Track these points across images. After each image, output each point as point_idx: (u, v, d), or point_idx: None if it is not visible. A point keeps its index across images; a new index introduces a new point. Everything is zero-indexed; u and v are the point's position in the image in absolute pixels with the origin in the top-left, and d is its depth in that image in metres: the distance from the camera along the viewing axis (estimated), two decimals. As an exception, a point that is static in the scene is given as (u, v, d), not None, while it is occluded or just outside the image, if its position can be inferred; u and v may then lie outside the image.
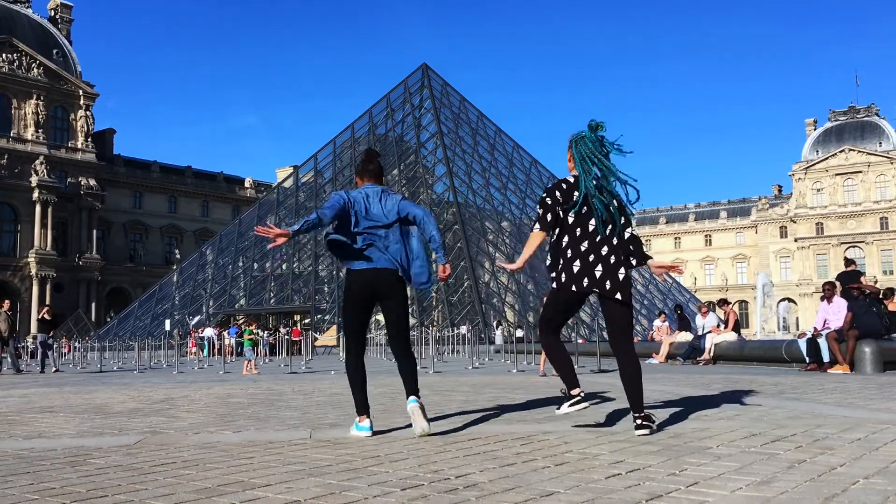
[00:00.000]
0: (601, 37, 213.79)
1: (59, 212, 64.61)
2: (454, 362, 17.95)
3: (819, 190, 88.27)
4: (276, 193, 52.87)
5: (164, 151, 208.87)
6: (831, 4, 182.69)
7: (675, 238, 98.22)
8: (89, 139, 68.97)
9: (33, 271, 62.66)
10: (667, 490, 2.66)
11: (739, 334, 15.90)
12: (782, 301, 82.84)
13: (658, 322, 19.27)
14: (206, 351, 31.09)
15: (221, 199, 79.59)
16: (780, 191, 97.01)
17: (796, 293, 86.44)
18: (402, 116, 47.91)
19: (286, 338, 22.61)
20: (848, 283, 12.24)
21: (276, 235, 4.18)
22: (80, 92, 68.63)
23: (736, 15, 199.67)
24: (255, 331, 18.99)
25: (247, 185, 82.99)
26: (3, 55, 64.22)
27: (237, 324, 41.60)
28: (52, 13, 71.19)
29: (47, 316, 19.19)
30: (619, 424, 4.55)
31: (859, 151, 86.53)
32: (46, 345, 18.28)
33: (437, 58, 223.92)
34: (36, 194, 62.86)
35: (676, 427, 4.40)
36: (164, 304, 48.14)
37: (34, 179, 62.86)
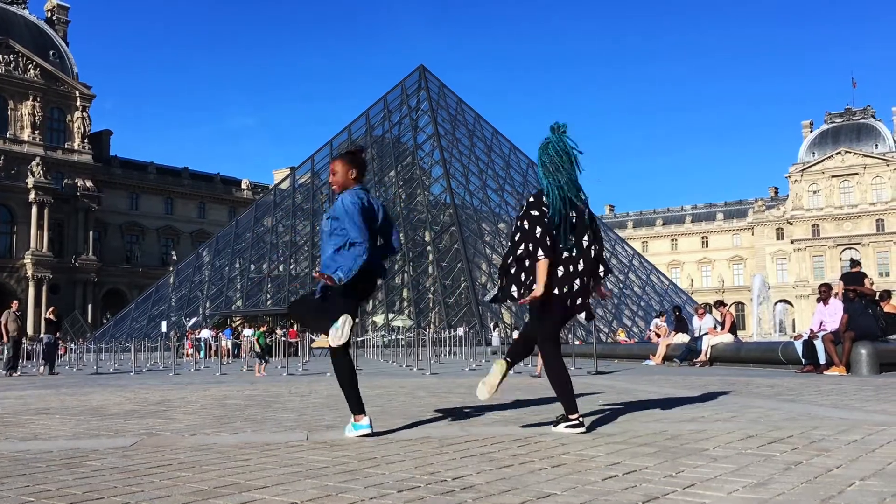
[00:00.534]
0: (598, 38, 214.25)
1: (55, 213, 64.52)
2: (451, 364, 17.95)
3: (815, 192, 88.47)
4: (273, 195, 52.85)
5: (160, 153, 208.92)
6: (827, 6, 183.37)
7: (672, 240, 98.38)
8: (86, 140, 68.90)
9: (29, 273, 62.56)
10: (663, 492, 2.66)
11: (736, 336, 15.93)
12: (778, 303, 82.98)
13: (658, 321, 19.19)
14: (202, 353, 31.09)
15: (218, 201, 79.55)
16: (777, 193, 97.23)
17: (792, 295, 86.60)
18: (399, 118, 47.95)
19: (283, 339, 22.59)
20: (850, 283, 12.24)
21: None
22: (77, 93, 68.56)
23: (732, 16, 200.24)
24: (265, 331, 18.86)
25: (243, 186, 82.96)
26: (0, 56, 64.14)
27: (233, 326, 41.57)
28: (49, 14, 71.13)
29: (53, 317, 19.17)
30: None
31: (855, 153, 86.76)
32: (53, 345, 18.30)
33: (435, 59, 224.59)
34: (32, 195, 62.77)
35: (673, 429, 4.40)
36: (161, 305, 48.09)
37: (30, 181, 62.77)
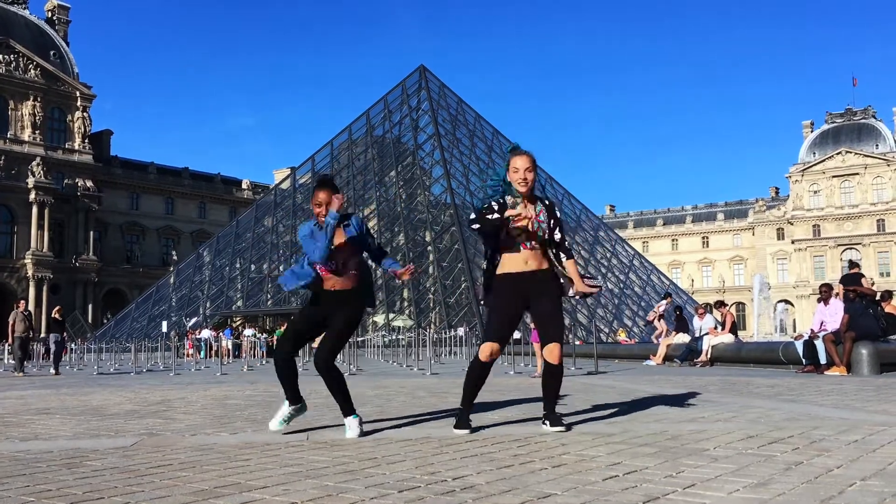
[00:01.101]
0: (598, 38, 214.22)
1: (55, 213, 64.55)
2: (451, 364, 17.95)
3: (816, 192, 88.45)
4: (274, 195, 52.89)
5: (161, 153, 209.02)
6: (828, 7, 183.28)
7: (673, 240, 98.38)
8: (86, 140, 68.91)
9: (30, 273, 62.58)
10: (664, 492, 2.66)
11: (736, 336, 15.92)
12: (779, 303, 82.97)
13: (663, 303, 18.67)
14: (202, 353, 31.11)
15: (218, 201, 79.56)
16: (777, 193, 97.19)
17: (793, 295, 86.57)
18: (399, 118, 47.96)
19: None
20: (849, 285, 12.25)
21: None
22: (78, 93, 68.59)
23: (733, 17, 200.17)
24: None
25: (244, 186, 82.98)
26: (0, 56, 64.17)
27: (233, 326, 41.57)
28: (50, 14, 71.14)
29: (59, 316, 19.17)
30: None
31: (856, 153, 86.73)
32: (60, 345, 18.32)
33: (435, 60, 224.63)
34: (32, 195, 62.80)
35: (673, 429, 4.40)
36: (161, 305, 48.12)
37: (31, 181, 62.79)
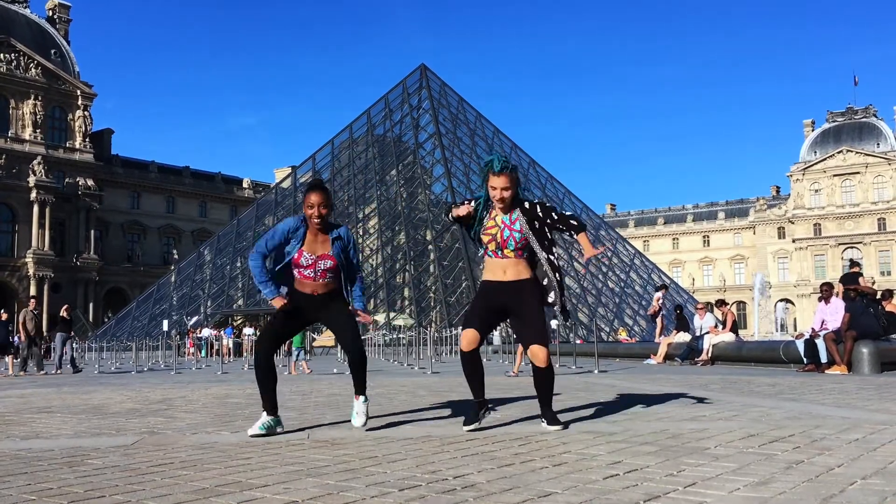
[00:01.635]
0: (599, 38, 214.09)
1: (56, 212, 64.56)
2: (452, 363, 17.95)
3: (817, 191, 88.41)
4: (275, 194, 52.87)
5: (162, 152, 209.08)
6: (829, 6, 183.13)
7: (674, 239, 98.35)
8: (87, 139, 68.92)
9: (31, 271, 62.60)
10: (665, 490, 2.66)
11: (737, 335, 15.91)
12: (780, 302, 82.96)
13: (658, 295, 18.67)
14: (203, 351, 31.13)
15: (219, 200, 79.57)
16: (778, 192, 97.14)
17: (794, 294, 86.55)
18: (400, 117, 47.93)
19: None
20: (847, 284, 12.26)
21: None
22: (78, 92, 68.58)
23: (734, 16, 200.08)
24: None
25: (245, 185, 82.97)
26: (1, 55, 64.17)
27: (234, 324, 41.58)
28: (51, 13, 71.13)
29: (66, 315, 19.12)
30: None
31: (857, 152, 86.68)
32: (65, 344, 18.28)
33: (436, 59, 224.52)
34: (33, 194, 62.81)
35: (674, 428, 4.40)
36: (162, 304, 48.12)
37: (32, 179, 62.80)
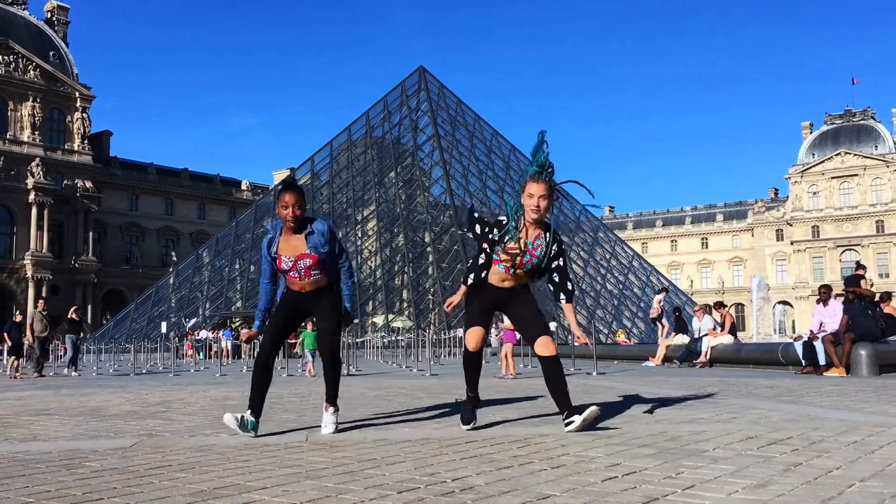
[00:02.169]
0: (597, 40, 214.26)
1: (55, 214, 64.50)
2: (451, 365, 17.95)
3: (815, 193, 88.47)
4: (273, 196, 52.82)
5: (160, 153, 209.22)
6: (828, 7, 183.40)
7: (672, 241, 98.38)
8: (86, 141, 68.88)
9: (29, 273, 62.52)
10: (663, 493, 2.66)
11: (736, 337, 15.92)
12: (778, 304, 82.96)
13: (659, 297, 18.71)
14: (202, 353, 31.09)
15: (218, 202, 79.52)
16: (777, 194, 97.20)
17: (792, 296, 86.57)
18: (399, 119, 47.94)
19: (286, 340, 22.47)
20: (850, 285, 12.26)
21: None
22: (77, 94, 68.55)
23: (732, 18, 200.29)
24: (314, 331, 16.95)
25: (243, 187, 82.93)
26: (0, 57, 64.12)
27: (233, 326, 41.52)
28: (49, 15, 71.11)
29: (75, 316, 19.03)
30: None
31: (855, 155, 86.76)
32: (76, 345, 18.23)
33: (435, 60, 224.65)
34: (32, 196, 62.74)
35: (672, 430, 4.40)
36: (161, 306, 48.06)
37: (30, 181, 62.74)
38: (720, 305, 16.88)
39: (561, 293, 4.54)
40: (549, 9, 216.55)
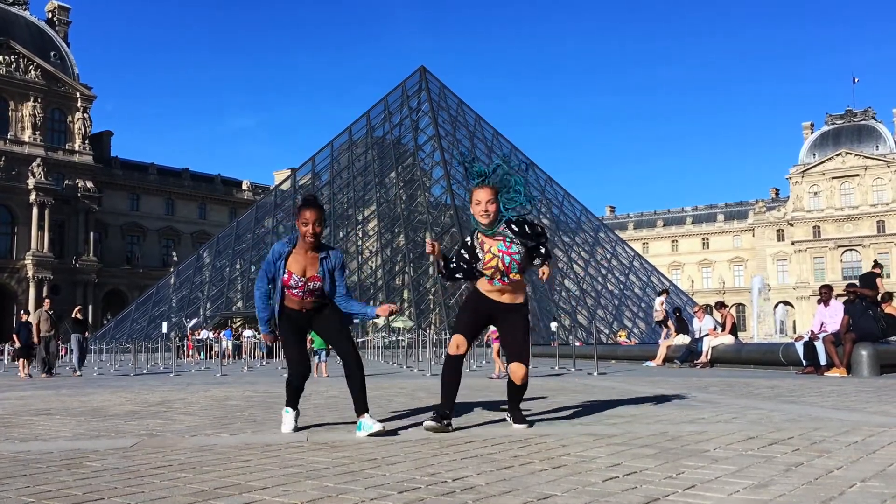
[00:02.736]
0: (599, 40, 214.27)
1: (55, 214, 64.53)
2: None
3: (816, 193, 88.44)
4: (274, 196, 52.87)
5: (161, 154, 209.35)
6: (828, 8, 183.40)
7: (673, 241, 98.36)
8: (86, 141, 68.91)
9: (30, 273, 62.56)
10: (664, 493, 2.66)
11: (736, 337, 15.92)
12: (779, 304, 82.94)
13: (661, 299, 18.69)
14: (202, 353, 31.11)
15: (219, 202, 79.55)
16: (778, 194, 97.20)
17: (793, 296, 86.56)
18: (399, 119, 47.95)
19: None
20: (865, 284, 12.24)
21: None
22: (78, 94, 68.58)
23: (732, 18, 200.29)
24: None
25: (244, 187, 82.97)
26: (1, 57, 64.17)
27: (233, 326, 41.54)
28: (50, 15, 71.15)
29: (79, 316, 19.00)
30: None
31: (856, 155, 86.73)
32: (82, 346, 18.21)
33: (435, 60, 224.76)
34: (33, 196, 62.78)
35: (673, 430, 4.40)
36: (161, 306, 48.08)
37: (31, 181, 62.78)
38: (721, 306, 16.88)
39: (538, 256, 4.73)
40: (549, 9, 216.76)
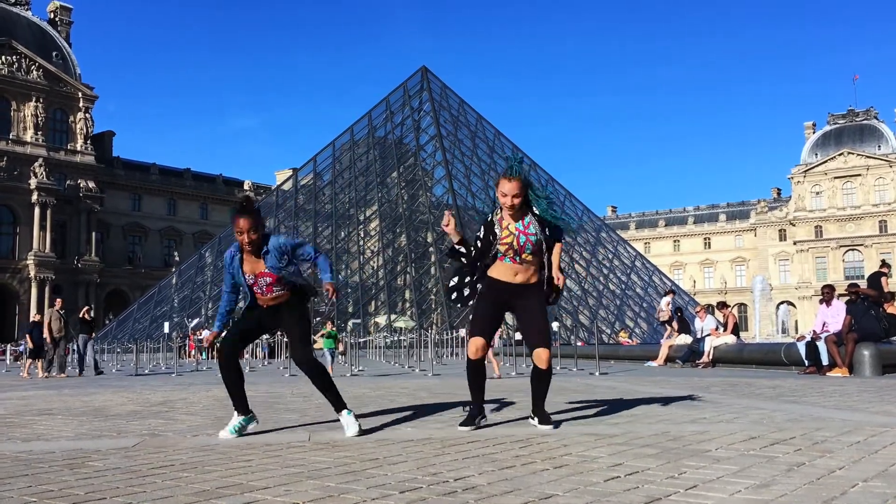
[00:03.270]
0: (599, 40, 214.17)
1: (57, 214, 64.59)
2: (453, 365, 17.94)
3: (818, 193, 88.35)
4: (275, 196, 52.83)
5: (163, 154, 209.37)
6: (829, 7, 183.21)
7: (675, 241, 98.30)
8: (88, 141, 68.97)
9: (32, 273, 62.61)
10: (665, 493, 2.66)
11: (738, 337, 15.90)
12: (781, 304, 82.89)
13: (667, 299, 18.67)
14: (204, 353, 31.09)
15: (220, 202, 79.53)
16: (779, 194, 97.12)
17: (795, 296, 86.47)
18: (401, 119, 47.92)
19: (285, 340, 22.57)
20: (871, 284, 12.23)
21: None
22: (80, 94, 68.63)
23: (734, 18, 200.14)
24: (333, 330, 16.77)
25: (246, 187, 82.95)
26: (3, 57, 64.23)
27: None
28: (52, 15, 71.21)
29: (87, 316, 18.94)
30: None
31: (858, 154, 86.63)
32: (86, 347, 18.17)
33: (436, 60, 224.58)
34: (35, 196, 62.84)
35: (675, 430, 4.40)
36: (163, 306, 48.08)
37: (33, 181, 62.84)
38: (723, 305, 16.86)
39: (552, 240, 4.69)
40: (549, 9, 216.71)
